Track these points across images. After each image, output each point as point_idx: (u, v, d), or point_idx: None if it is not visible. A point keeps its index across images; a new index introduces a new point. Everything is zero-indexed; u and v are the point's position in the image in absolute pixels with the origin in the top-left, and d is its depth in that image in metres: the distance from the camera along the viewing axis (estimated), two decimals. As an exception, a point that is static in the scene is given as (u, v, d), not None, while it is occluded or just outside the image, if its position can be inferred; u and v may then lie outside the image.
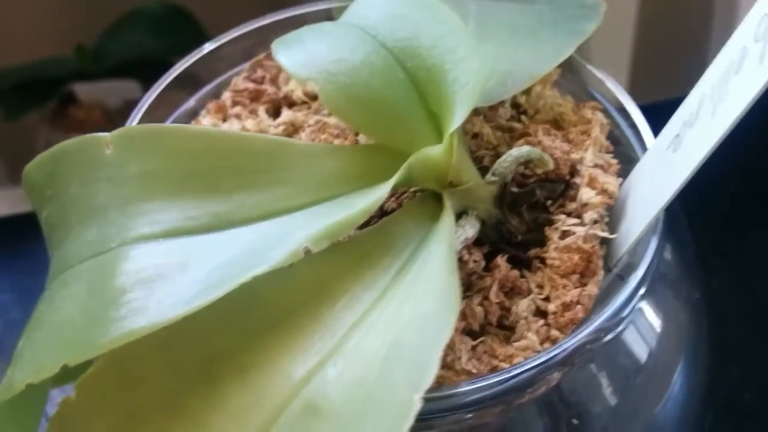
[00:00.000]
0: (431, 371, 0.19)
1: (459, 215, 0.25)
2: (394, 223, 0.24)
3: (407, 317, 0.21)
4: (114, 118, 0.94)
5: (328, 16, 0.34)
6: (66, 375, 0.26)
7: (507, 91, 0.27)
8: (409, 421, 0.18)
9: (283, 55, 0.24)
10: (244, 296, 0.22)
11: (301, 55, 0.24)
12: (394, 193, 0.26)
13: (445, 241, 0.22)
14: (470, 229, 0.24)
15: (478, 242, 0.25)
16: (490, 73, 0.25)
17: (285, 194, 0.23)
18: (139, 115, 0.29)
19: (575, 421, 0.27)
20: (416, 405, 0.18)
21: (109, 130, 0.27)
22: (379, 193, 0.22)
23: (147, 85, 1.08)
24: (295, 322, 0.22)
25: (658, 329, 0.27)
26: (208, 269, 0.21)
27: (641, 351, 0.27)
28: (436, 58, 0.24)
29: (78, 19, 0.93)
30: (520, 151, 0.25)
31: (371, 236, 0.23)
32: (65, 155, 0.26)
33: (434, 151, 0.23)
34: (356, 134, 0.29)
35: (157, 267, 0.22)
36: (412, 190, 0.26)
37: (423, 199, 0.25)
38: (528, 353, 0.24)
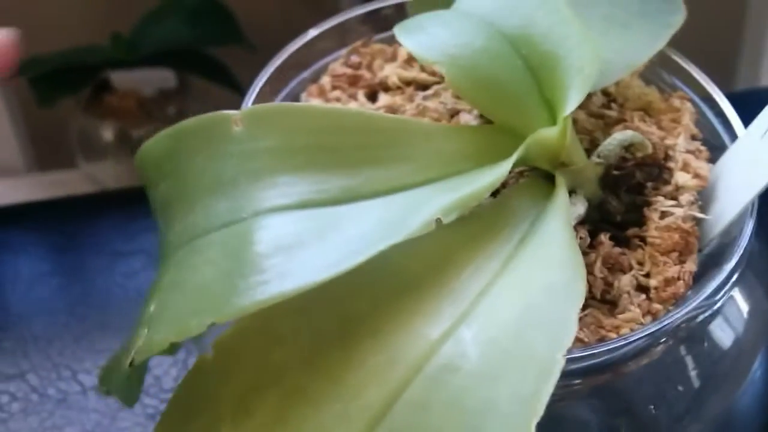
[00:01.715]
0: (571, 331, 0.20)
1: (568, 194, 0.26)
2: (510, 199, 0.25)
3: (536, 284, 0.22)
4: (148, 106, 0.96)
5: (396, 12, 0.35)
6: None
7: (606, 80, 0.28)
8: (555, 378, 0.20)
9: (408, 40, 0.26)
10: (376, 263, 0.23)
11: (426, 40, 0.25)
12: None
13: (563, 215, 0.24)
14: (581, 207, 0.26)
15: (580, 221, 0.27)
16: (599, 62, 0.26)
17: (410, 170, 0.24)
18: (253, 97, 0.31)
19: (659, 400, 0.28)
20: (560, 363, 0.20)
21: (143, 119, 0.29)
22: (502, 169, 0.24)
23: (181, 74, 1.09)
24: (425, 288, 0.23)
25: (745, 315, 0.29)
26: (347, 237, 0.23)
27: (727, 336, 0.28)
28: (549, 45, 0.25)
29: (114, 8, 0.95)
30: (624, 135, 0.27)
31: (489, 211, 0.25)
32: (188, 132, 0.27)
33: (550, 133, 0.25)
34: (453, 117, 0.30)
35: (295, 235, 0.23)
36: (517, 171, 0.27)
37: (533, 178, 0.26)
38: (632, 325, 0.25)
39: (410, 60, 0.33)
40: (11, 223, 0.53)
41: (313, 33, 0.34)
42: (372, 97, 0.33)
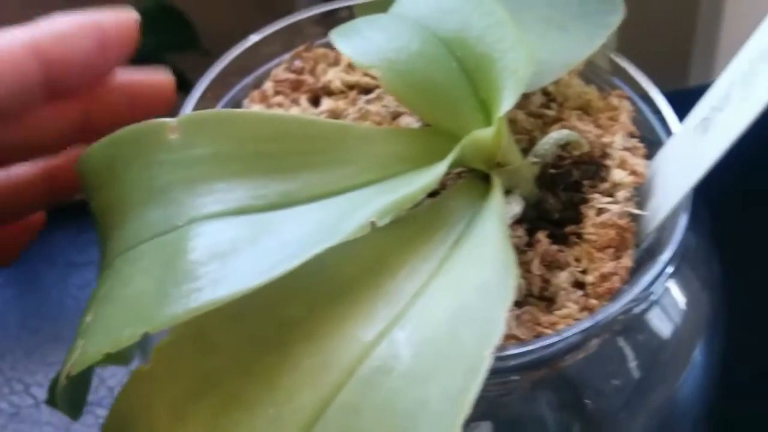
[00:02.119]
0: (499, 329, 0.20)
1: (504, 194, 0.26)
2: (446, 200, 0.25)
3: (469, 284, 0.22)
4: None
5: (351, 14, 0.36)
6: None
7: (543, 80, 0.29)
8: (482, 375, 0.20)
9: (343, 44, 0.26)
10: (311, 268, 0.23)
11: (362, 44, 0.26)
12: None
13: (497, 216, 0.24)
14: (516, 206, 0.26)
15: (518, 220, 0.27)
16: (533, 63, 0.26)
17: (348, 173, 0.24)
18: (192, 104, 0.31)
19: (600, 392, 0.29)
20: (487, 360, 0.20)
21: None
22: (437, 170, 0.24)
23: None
24: (359, 291, 0.23)
25: (683, 306, 0.29)
26: (281, 242, 0.23)
27: (665, 327, 0.29)
28: (484, 47, 0.26)
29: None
30: (559, 134, 0.27)
31: (425, 213, 0.25)
32: (125, 140, 0.27)
33: (485, 134, 0.25)
34: (395, 120, 0.31)
35: (230, 242, 0.23)
36: (455, 171, 0.28)
37: (469, 179, 0.26)
38: (569, 321, 0.26)
39: (353, 64, 0.33)
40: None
41: (254, 38, 0.34)
42: (315, 101, 0.33)
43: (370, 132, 0.26)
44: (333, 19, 0.36)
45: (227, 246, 0.23)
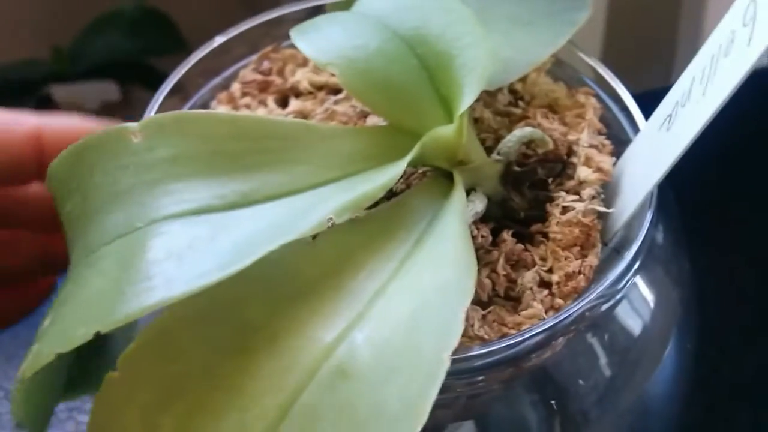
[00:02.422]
0: (457, 331, 0.20)
1: (467, 192, 0.26)
2: (408, 199, 0.25)
3: (428, 284, 0.22)
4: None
5: (321, 12, 0.35)
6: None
7: (508, 77, 0.29)
8: (441, 378, 0.20)
9: (303, 42, 0.26)
10: (270, 269, 0.23)
11: (321, 42, 0.25)
12: (403, 174, 0.28)
13: (458, 214, 0.24)
14: (479, 204, 0.26)
15: (483, 219, 0.27)
16: (495, 60, 0.26)
17: (307, 172, 0.24)
18: (156, 107, 0.31)
19: (571, 391, 0.28)
20: (446, 363, 0.20)
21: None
22: (397, 169, 0.24)
23: (124, 86, 1.08)
24: (320, 292, 0.23)
25: (651, 304, 0.29)
26: (236, 239, 0.23)
27: (635, 325, 0.29)
28: (444, 45, 0.26)
29: (54, 21, 0.93)
30: (523, 131, 0.27)
31: (387, 212, 0.25)
32: (89, 147, 0.26)
33: (446, 131, 0.25)
34: (362, 120, 0.30)
35: (187, 241, 0.23)
36: (420, 171, 0.28)
37: (433, 178, 0.26)
38: (534, 321, 0.26)
39: (321, 65, 0.33)
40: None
41: (220, 39, 0.33)
42: (283, 102, 0.33)
43: (331, 130, 0.26)
44: (280, 23, 0.36)
45: (184, 245, 0.23)
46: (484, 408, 0.29)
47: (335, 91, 0.33)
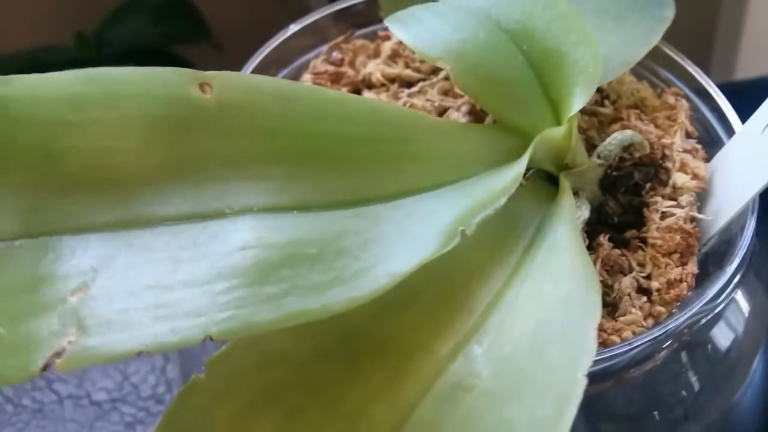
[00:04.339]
0: (590, 348, 0.19)
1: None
2: (513, 203, 0.24)
3: (549, 296, 0.21)
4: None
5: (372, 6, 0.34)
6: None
7: (605, 77, 0.27)
8: (577, 400, 0.18)
9: (405, 34, 0.25)
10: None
11: (426, 34, 0.24)
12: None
13: (570, 221, 0.23)
14: (586, 210, 0.25)
15: (579, 223, 0.26)
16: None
17: (421, 172, 0.23)
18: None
19: (662, 405, 0.27)
20: (582, 383, 0.19)
21: None
22: (515, 172, 0.23)
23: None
24: (430, 299, 0.22)
25: (746, 314, 0.28)
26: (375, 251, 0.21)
27: (727, 336, 0.28)
28: (551, 41, 0.24)
29: (78, 7, 0.92)
30: (624, 135, 0.26)
31: (493, 215, 0.24)
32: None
33: (556, 134, 0.24)
34: (441, 115, 0.29)
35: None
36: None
37: (536, 181, 0.25)
38: (633, 327, 0.25)
39: (394, 56, 0.32)
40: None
41: (294, 28, 0.32)
42: (356, 94, 0.32)
43: (441, 124, 0.24)
44: (349, 13, 0.35)
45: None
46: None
47: (408, 83, 0.32)
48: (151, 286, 0.20)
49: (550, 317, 0.20)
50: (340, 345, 0.21)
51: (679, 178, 0.27)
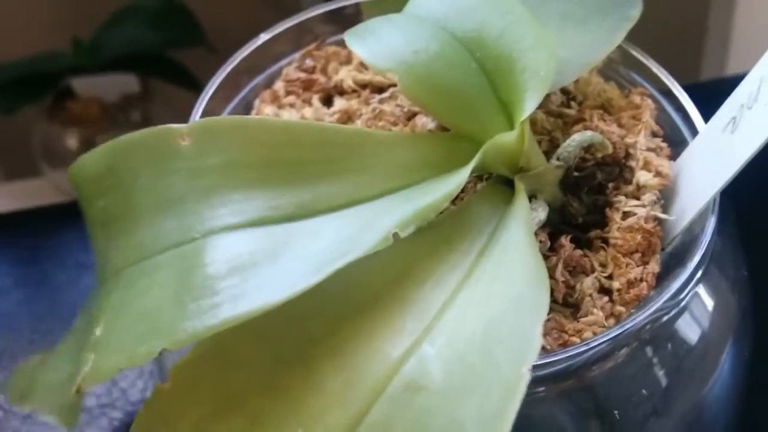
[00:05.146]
0: (536, 346, 0.20)
1: (528, 199, 0.25)
2: (469, 207, 0.25)
3: (500, 296, 0.21)
4: (112, 112, 0.94)
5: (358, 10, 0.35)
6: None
7: (563, 79, 0.28)
8: (521, 393, 0.19)
9: (359, 47, 0.25)
10: (332, 280, 0.23)
11: (379, 47, 0.25)
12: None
13: (524, 223, 0.23)
14: (541, 212, 0.25)
15: (540, 224, 0.26)
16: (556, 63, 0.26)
17: (367, 182, 0.24)
18: (202, 107, 0.30)
19: (627, 401, 0.28)
20: (526, 377, 0.19)
21: (107, 125, 0.27)
22: (460, 177, 0.23)
23: (144, 79, 1.08)
24: (384, 304, 0.23)
25: (711, 309, 0.28)
26: (302, 256, 0.22)
27: (694, 332, 0.28)
28: (503, 48, 0.25)
29: (74, 13, 0.93)
30: (583, 136, 0.26)
31: (449, 220, 0.24)
32: (131, 147, 0.26)
33: (508, 138, 0.24)
34: (410, 120, 0.30)
35: (249, 255, 0.23)
36: (475, 176, 0.27)
37: (492, 185, 0.26)
38: (595, 328, 0.25)
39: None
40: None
41: (264, 37, 0.33)
42: (327, 101, 0.32)
43: (388, 138, 0.25)
44: (340, 15, 0.35)
45: (246, 260, 0.22)
46: (541, 420, 0.28)
47: (379, 89, 0.32)
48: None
49: (500, 316, 0.21)
50: (299, 352, 0.22)
51: (642, 176, 0.27)
